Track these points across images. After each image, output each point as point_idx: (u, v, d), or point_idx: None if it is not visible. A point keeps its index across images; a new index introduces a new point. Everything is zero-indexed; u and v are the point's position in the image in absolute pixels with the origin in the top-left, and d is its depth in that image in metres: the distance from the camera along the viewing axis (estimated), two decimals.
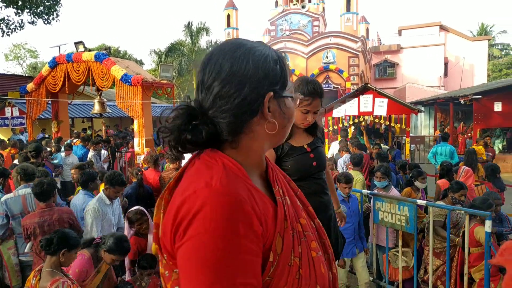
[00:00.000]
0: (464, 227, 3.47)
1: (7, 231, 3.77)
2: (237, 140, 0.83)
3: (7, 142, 9.40)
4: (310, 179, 2.15)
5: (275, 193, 0.88)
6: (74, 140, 10.27)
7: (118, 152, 9.77)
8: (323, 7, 26.07)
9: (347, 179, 4.04)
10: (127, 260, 3.48)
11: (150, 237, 3.45)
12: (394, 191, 4.48)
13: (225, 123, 0.80)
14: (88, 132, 14.73)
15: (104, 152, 8.57)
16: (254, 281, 0.71)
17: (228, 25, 24.81)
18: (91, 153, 8.03)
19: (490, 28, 36.88)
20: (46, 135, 12.19)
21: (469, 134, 14.31)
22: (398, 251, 4.08)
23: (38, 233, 3.35)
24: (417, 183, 4.71)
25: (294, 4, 24.89)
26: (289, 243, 0.81)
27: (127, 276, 3.46)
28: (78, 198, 4.08)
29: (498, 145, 13.37)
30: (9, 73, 28.99)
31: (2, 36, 13.77)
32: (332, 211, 2.40)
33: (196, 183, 0.76)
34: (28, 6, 13.27)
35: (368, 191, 4.45)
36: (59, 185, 6.46)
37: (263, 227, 0.76)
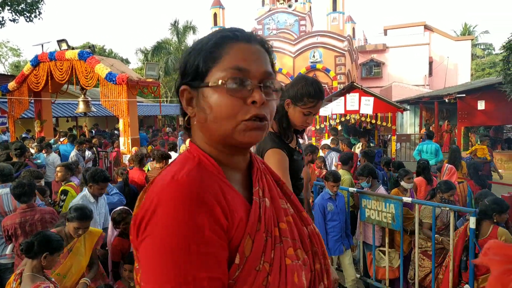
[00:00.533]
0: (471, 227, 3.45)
1: None
2: (190, 132, 0.89)
3: None
4: (300, 180, 2.15)
5: (254, 193, 0.84)
6: (61, 139, 10.10)
7: (102, 152, 9.62)
8: (310, 7, 26.15)
9: (335, 178, 4.06)
10: (110, 263, 3.42)
11: None
12: (381, 190, 4.50)
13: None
14: (74, 132, 14.48)
15: (88, 153, 8.42)
16: (221, 276, 0.69)
17: (215, 23, 24.70)
18: (73, 153, 7.87)
19: (473, 28, 37.61)
20: (30, 136, 11.92)
21: (453, 133, 14.56)
22: (382, 251, 4.10)
23: (20, 234, 3.26)
24: (403, 183, 4.58)
25: (281, 3, 24.92)
26: (259, 246, 0.76)
27: (110, 279, 3.39)
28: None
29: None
30: None
31: None
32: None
33: (166, 176, 0.76)
34: (9, 3, 12.96)
35: (355, 189, 4.47)
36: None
37: (228, 221, 0.73)
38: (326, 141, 9.07)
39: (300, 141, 2.25)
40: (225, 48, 0.80)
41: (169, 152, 6.25)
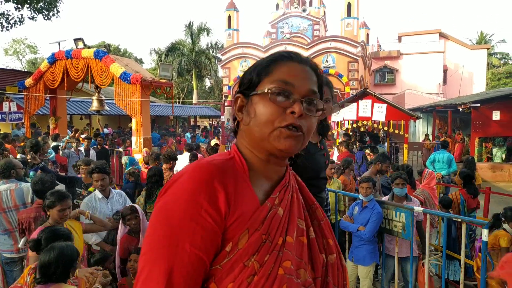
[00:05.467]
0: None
1: None
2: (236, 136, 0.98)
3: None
4: (320, 179, 2.15)
5: (269, 199, 0.89)
6: (83, 136, 10.25)
7: (113, 150, 9.73)
8: (324, 11, 26.13)
9: (363, 179, 4.06)
10: (117, 259, 3.45)
11: (142, 237, 3.42)
12: (416, 202, 4.30)
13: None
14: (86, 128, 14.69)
15: (92, 152, 8.51)
16: (202, 254, 0.77)
17: (229, 26, 24.82)
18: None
19: (490, 37, 37.08)
20: (42, 132, 12.10)
21: (465, 143, 14.28)
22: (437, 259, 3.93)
23: (33, 228, 3.31)
24: (507, 228, 3.76)
25: (295, 8, 24.94)
26: (254, 243, 0.81)
27: (118, 275, 3.42)
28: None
29: (501, 154, 13.10)
30: (8, 67, 28.91)
31: (2, 30, 13.71)
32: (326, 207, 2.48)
33: (200, 160, 0.90)
34: (28, 1, 13.20)
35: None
36: None
37: (229, 209, 0.81)
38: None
39: None
40: (278, 64, 0.91)
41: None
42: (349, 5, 22.01)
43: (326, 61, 20.51)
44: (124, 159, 7.02)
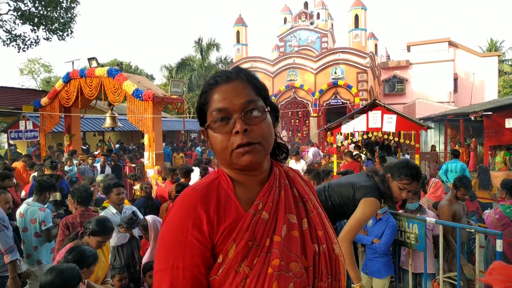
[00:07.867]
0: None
1: None
2: None
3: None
4: None
5: (252, 206, 0.96)
6: (96, 153, 10.48)
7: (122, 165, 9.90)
8: (332, 24, 26.32)
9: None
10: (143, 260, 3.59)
11: (152, 245, 3.52)
12: (430, 214, 4.19)
13: None
14: (99, 144, 14.93)
15: (108, 169, 8.70)
16: (193, 269, 0.88)
17: (238, 41, 25.16)
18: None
19: (500, 44, 36.74)
20: (58, 148, 12.35)
21: (478, 152, 14.01)
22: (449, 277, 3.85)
23: (75, 228, 3.52)
24: None
25: (303, 21, 25.20)
26: (241, 252, 0.89)
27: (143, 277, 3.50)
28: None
29: None
30: (23, 87, 29.67)
31: (19, 51, 14.16)
32: None
33: (190, 187, 1.02)
34: (44, 23, 13.66)
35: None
36: None
37: (213, 229, 0.91)
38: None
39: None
40: (209, 94, 1.00)
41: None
42: (356, 17, 22.16)
43: (335, 72, 20.57)
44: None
